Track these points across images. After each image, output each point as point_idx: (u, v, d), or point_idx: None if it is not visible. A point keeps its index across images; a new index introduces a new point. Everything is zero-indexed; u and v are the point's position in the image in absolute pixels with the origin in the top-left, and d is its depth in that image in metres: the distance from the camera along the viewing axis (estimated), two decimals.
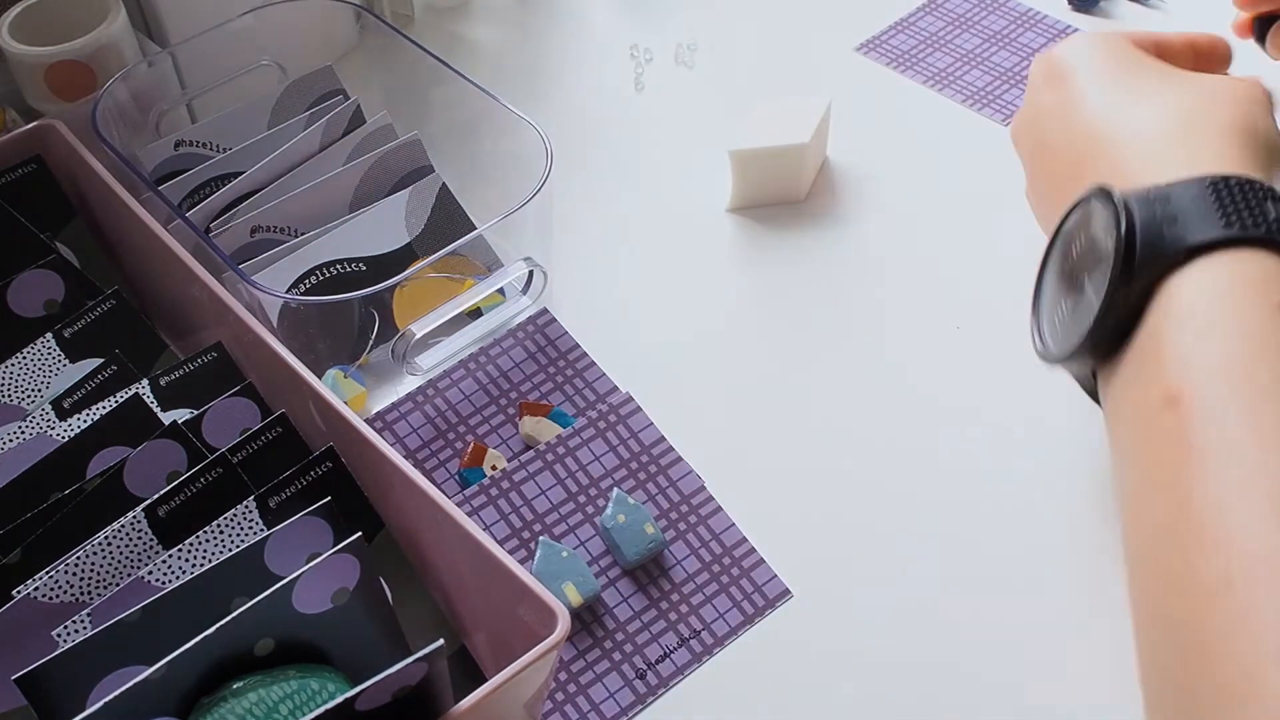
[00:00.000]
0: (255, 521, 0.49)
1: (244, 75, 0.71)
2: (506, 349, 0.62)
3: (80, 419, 0.53)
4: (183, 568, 0.47)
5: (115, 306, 0.57)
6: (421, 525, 0.49)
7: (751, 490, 0.58)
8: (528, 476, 0.57)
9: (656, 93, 0.80)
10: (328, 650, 0.44)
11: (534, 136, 0.62)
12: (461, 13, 0.86)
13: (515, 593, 0.45)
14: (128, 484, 0.50)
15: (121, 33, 0.69)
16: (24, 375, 0.56)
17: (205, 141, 0.68)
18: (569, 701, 0.52)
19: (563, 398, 0.61)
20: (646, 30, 0.83)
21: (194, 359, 0.54)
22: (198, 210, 0.63)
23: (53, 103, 0.68)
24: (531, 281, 0.63)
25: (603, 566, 0.55)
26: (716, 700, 0.52)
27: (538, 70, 0.82)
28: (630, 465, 0.58)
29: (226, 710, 0.40)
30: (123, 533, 0.47)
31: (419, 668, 0.39)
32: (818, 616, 0.54)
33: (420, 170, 0.66)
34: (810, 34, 0.83)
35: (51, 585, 0.46)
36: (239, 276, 0.57)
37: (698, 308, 0.67)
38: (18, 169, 0.62)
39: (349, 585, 0.43)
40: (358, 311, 0.61)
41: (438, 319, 0.59)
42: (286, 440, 0.51)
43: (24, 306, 0.58)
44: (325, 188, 0.64)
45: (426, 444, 0.59)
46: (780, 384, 0.62)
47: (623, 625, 0.54)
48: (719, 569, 0.55)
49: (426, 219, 0.65)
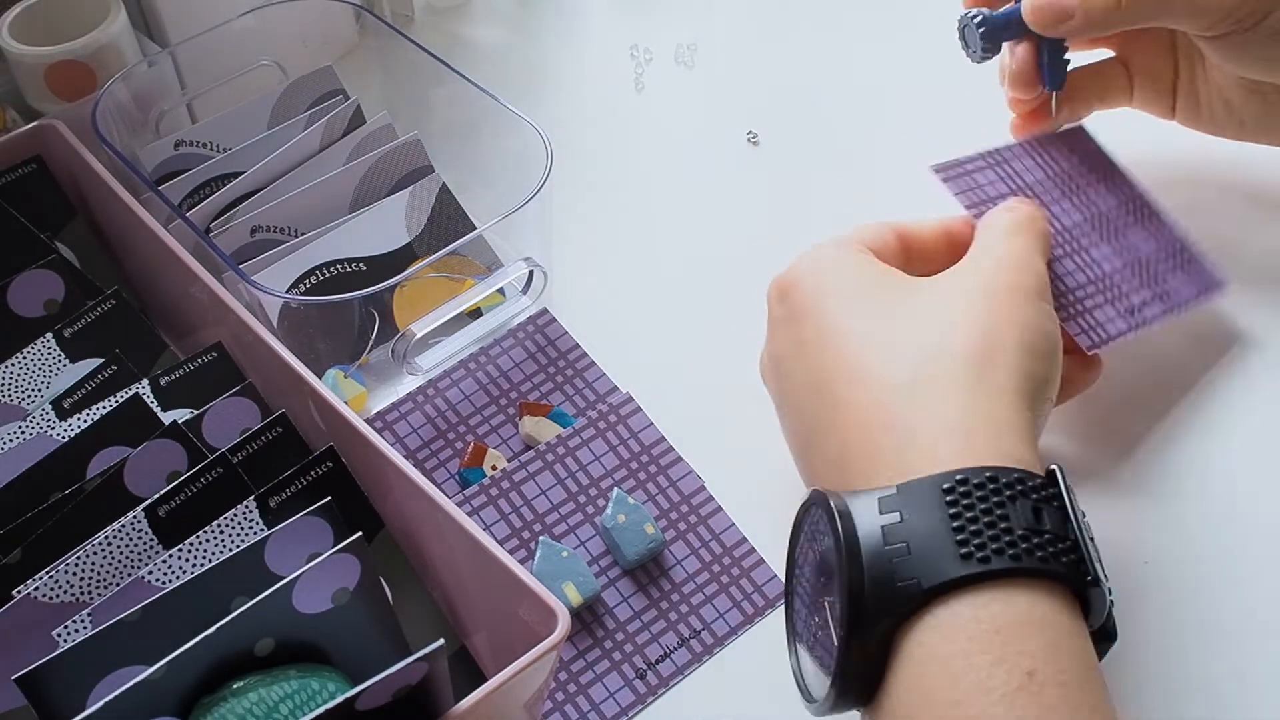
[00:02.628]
0: (255, 521, 0.49)
1: (244, 75, 0.71)
2: (506, 349, 0.62)
3: (80, 419, 0.53)
4: (183, 568, 0.47)
5: (115, 306, 0.57)
6: (421, 525, 0.49)
7: (751, 490, 0.58)
8: (528, 476, 0.57)
9: (656, 93, 0.80)
10: (328, 650, 0.44)
11: (534, 136, 0.62)
12: (461, 13, 0.86)
13: (515, 593, 0.45)
14: (128, 484, 0.50)
15: (121, 33, 0.69)
16: (24, 375, 0.56)
17: (205, 141, 0.68)
18: (569, 701, 0.52)
19: (563, 398, 0.61)
20: (646, 30, 0.83)
21: (194, 359, 0.54)
22: (198, 210, 0.63)
23: (53, 103, 0.68)
24: (531, 281, 0.63)
25: (603, 566, 0.55)
26: (716, 700, 0.52)
27: (538, 70, 0.82)
28: (630, 465, 0.58)
29: (227, 710, 0.40)
30: (123, 533, 0.47)
31: (419, 668, 0.39)
32: None
33: (420, 170, 0.66)
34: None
35: (51, 585, 0.46)
36: (239, 276, 0.57)
37: (698, 308, 0.67)
38: (18, 169, 0.62)
39: (349, 585, 0.43)
40: (358, 311, 0.61)
41: (438, 319, 0.59)
42: (286, 440, 0.51)
43: (24, 306, 0.58)
44: (325, 188, 0.64)
45: (426, 444, 0.59)
46: None
47: (623, 625, 0.54)
48: (719, 569, 0.55)
49: (426, 219, 0.65)
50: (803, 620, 0.45)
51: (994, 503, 0.40)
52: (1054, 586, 0.40)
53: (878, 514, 0.41)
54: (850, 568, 0.40)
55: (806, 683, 0.44)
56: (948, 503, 0.40)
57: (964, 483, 0.41)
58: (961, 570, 0.39)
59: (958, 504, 0.40)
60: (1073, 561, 0.40)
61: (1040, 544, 0.40)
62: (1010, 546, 0.39)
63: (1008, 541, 0.39)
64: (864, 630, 0.39)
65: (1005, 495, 0.40)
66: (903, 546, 0.40)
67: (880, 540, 0.40)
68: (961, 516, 0.40)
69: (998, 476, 0.41)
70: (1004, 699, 0.37)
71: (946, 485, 0.41)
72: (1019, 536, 0.40)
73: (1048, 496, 0.41)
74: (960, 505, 0.40)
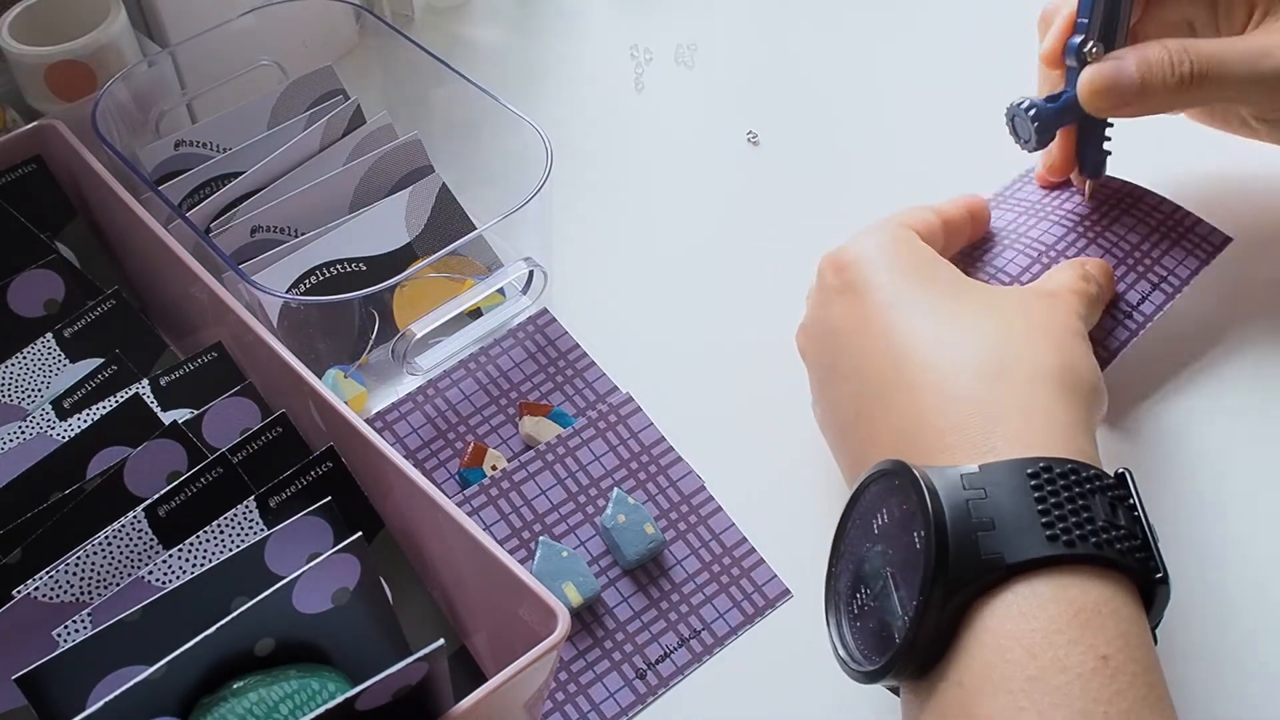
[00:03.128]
0: (255, 521, 0.49)
1: (244, 75, 0.71)
2: (506, 349, 0.62)
3: (80, 419, 0.53)
4: (183, 567, 0.47)
5: (115, 306, 0.57)
6: (422, 525, 0.49)
7: (751, 490, 0.58)
8: (528, 476, 0.57)
9: (656, 93, 0.80)
10: (328, 650, 0.44)
11: (534, 136, 0.62)
12: (461, 13, 0.86)
13: (515, 593, 0.45)
14: (128, 484, 0.50)
15: (121, 33, 0.69)
16: (24, 375, 0.56)
17: (205, 141, 0.68)
18: (569, 701, 0.52)
19: (563, 398, 0.61)
20: (646, 30, 0.83)
21: (194, 359, 0.54)
22: (198, 210, 0.63)
23: (53, 103, 0.68)
24: (531, 281, 0.63)
25: (603, 566, 0.55)
26: (716, 700, 0.52)
27: (538, 70, 0.82)
28: (630, 465, 0.58)
29: (227, 710, 0.40)
30: (123, 533, 0.47)
31: (419, 667, 0.39)
32: (818, 616, 0.54)
33: (420, 170, 0.66)
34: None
35: (51, 585, 0.46)
36: (239, 276, 0.57)
37: (698, 308, 0.67)
38: (18, 169, 0.62)
39: (349, 585, 0.43)
40: (358, 311, 0.61)
41: (438, 319, 0.59)
42: (286, 440, 0.51)
43: (24, 306, 0.58)
44: (325, 188, 0.64)
45: (426, 444, 0.59)
46: (781, 384, 0.61)
47: (623, 625, 0.54)
48: (719, 569, 0.55)
49: (426, 219, 0.65)
50: (849, 590, 0.46)
51: (1076, 492, 0.42)
52: (1125, 580, 0.42)
53: (962, 489, 0.42)
54: (937, 537, 0.41)
55: (850, 651, 0.45)
56: (1032, 486, 0.42)
57: (1048, 470, 0.42)
58: (1048, 550, 0.40)
59: (1042, 488, 0.42)
60: (1144, 558, 0.42)
61: (1118, 537, 0.41)
62: (1093, 535, 0.41)
63: (1090, 530, 0.41)
64: (943, 600, 0.41)
65: (1085, 487, 0.42)
66: (988, 521, 0.41)
67: (966, 514, 0.41)
68: (1046, 500, 0.41)
69: (1078, 469, 0.42)
70: (1079, 679, 0.39)
71: (1031, 470, 0.42)
72: (1100, 526, 0.41)
73: (1120, 496, 0.43)
74: (1045, 490, 0.42)
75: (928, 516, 0.41)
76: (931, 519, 0.41)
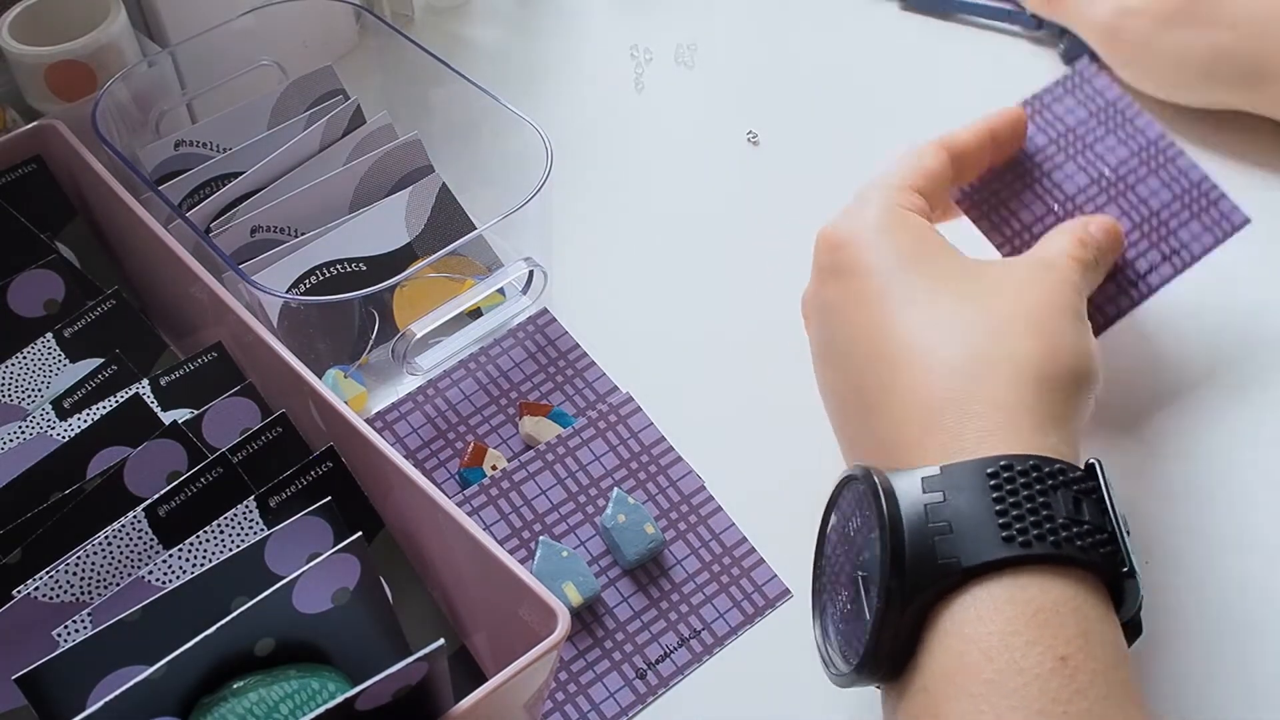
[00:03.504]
0: (255, 521, 0.49)
1: (244, 75, 0.71)
2: (506, 349, 0.62)
3: (80, 419, 0.53)
4: (183, 567, 0.47)
5: (115, 306, 0.57)
6: (422, 525, 0.49)
7: (751, 490, 0.58)
8: (528, 476, 0.57)
9: (656, 93, 0.80)
10: (328, 650, 0.44)
11: (534, 136, 0.62)
12: (461, 13, 0.86)
13: (515, 593, 0.45)
14: (128, 484, 0.50)
15: (121, 33, 0.69)
16: (24, 375, 0.56)
17: (205, 141, 0.68)
18: (569, 701, 0.52)
19: (563, 398, 0.61)
20: (646, 30, 0.83)
21: (194, 359, 0.54)
22: (198, 210, 0.63)
23: (53, 103, 0.68)
24: (531, 281, 0.63)
25: (603, 566, 0.55)
26: (716, 700, 0.52)
27: (538, 70, 0.82)
28: (630, 465, 0.58)
29: (227, 710, 0.40)
30: (123, 533, 0.47)
31: (419, 667, 0.39)
32: None
33: (420, 170, 0.66)
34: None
35: (51, 585, 0.46)
36: (239, 276, 0.57)
37: (698, 308, 0.67)
38: (18, 169, 0.62)
39: (349, 585, 0.43)
40: (358, 311, 0.61)
41: (438, 319, 0.59)
42: (286, 440, 0.51)
43: (24, 306, 0.58)
44: (325, 188, 0.64)
45: (426, 444, 0.59)
46: (781, 384, 0.61)
47: (623, 625, 0.54)
48: (719, 569, 0.55)
49: (426, 219, 0.65)
50: (830, 593, 0.45)
51: (1036, 490, 0.41)
52: (1089, 576, 0.41)
53: (921, 493, 0.41)
54: (892, 543, 0.41)
55: (831, 654, 0.45)
56: (991, 486, 0.41)
57: (1008, 468, 0.41)
58: (1002, 552, 0.40)
59: (1001, 488, 0.41)
60: (1109, 553, 0.41)
61: (1080, 533, 0.41)
62: (1051, 533, 0.40)
63: (1049, 529, 0.40)
64: (901, 605, 0.40)
65: (1048, 484, 0.41)
66: (944, 525, 0.41)
67: (923, 518, 0.41)
68: (1004, 500, 0.41)
69: (1041, 465, 0.42)
70: (1037, 680, 0.38)
71: (991, 470, 0.42)
72: (1060, 524, 0.40)
73: (1087, 489, 0.42)
74: (1004, 490, 0.41)
75: (883, 521, 0.41)
76: (887, 524, 0.41)
